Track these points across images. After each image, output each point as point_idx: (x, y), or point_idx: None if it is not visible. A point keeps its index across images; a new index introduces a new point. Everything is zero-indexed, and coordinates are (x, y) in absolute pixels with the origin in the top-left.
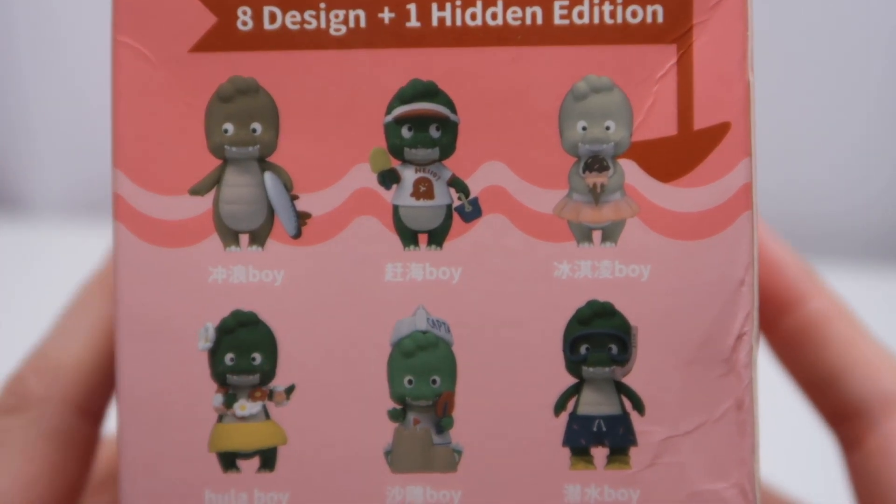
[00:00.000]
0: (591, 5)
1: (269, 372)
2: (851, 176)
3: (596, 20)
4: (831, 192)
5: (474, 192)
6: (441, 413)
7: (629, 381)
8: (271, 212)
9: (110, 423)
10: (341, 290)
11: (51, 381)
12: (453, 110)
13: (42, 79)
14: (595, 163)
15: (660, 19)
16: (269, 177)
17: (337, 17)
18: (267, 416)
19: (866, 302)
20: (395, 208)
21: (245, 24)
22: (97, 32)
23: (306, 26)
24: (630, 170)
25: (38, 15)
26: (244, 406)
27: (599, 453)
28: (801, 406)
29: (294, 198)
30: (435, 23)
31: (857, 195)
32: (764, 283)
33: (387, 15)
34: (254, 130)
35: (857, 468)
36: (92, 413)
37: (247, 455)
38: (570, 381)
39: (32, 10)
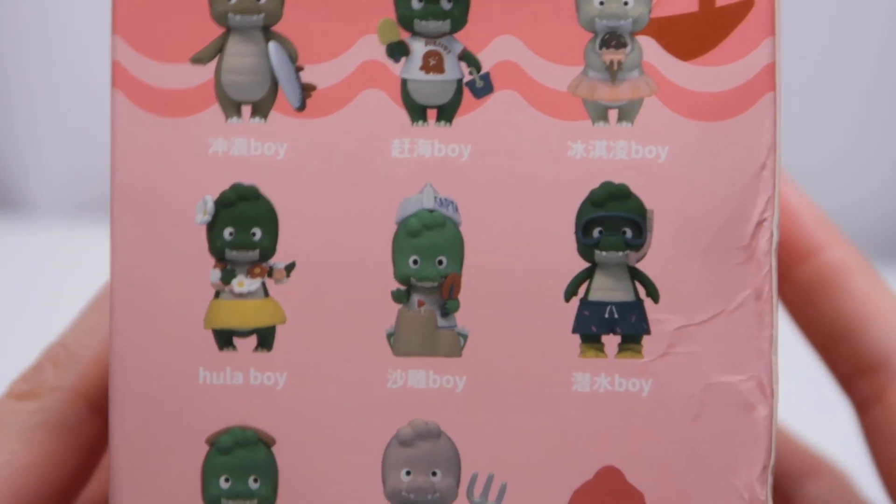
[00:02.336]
0: None
1: (268, 248)
2: (849, 176)
3: None
4: (829, 192)
5: (486, 66)
6: (447, 295)
7: (643, 266)
8: (275, 83)
9: None
10: (346, 165)
11: (65, 373)
12: None
13: (42, 79)
14: (612, 39)
15: None
16: (273, 46)
17: None
18: (266, 293)
19: None
20: (404, 82)
21: None
22: (97, 32)
23: None
24: (648, 47)
25: (39, 15)
26: (242, 283)
27: (611, 341)
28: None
29: (299, 69)
30: None
31: (854, 195)
32: (780, 229)
33: None
34: None
35: (878, 424)
36: (104, 410)
37: (244, 333)
38: (582, 265)
39: (33, 10)
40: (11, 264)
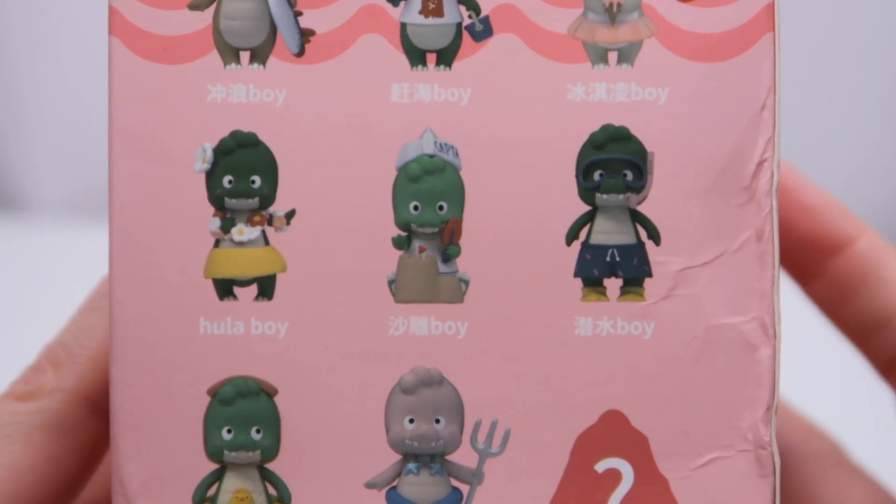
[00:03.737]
0: None
1: (268, 196)
2: (856, 180)
3: None
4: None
5: (485, 10)
6: (447, 241)
7: (644, 209)
8: (273, 28)
9: None
10: (345, 110)
11: (64, 374)
12: None
13: (41, 80)
14: None
15: None
16: None
17: None
18: (266, 241)
19: None
20: (403, 26)
21: None
22: (96, 34)
23: None
24: None
25: (37, 17)
26: (242, 231)
27: (612, 284)
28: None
29: (297, 14)
30: None
31: (862, 199)
32: (806, 228)
33: None
34: None
35: None
36: (103, 410)
37: (244, 282)
38: (583, 208)
39: (31, 12)
40: (11, 264)
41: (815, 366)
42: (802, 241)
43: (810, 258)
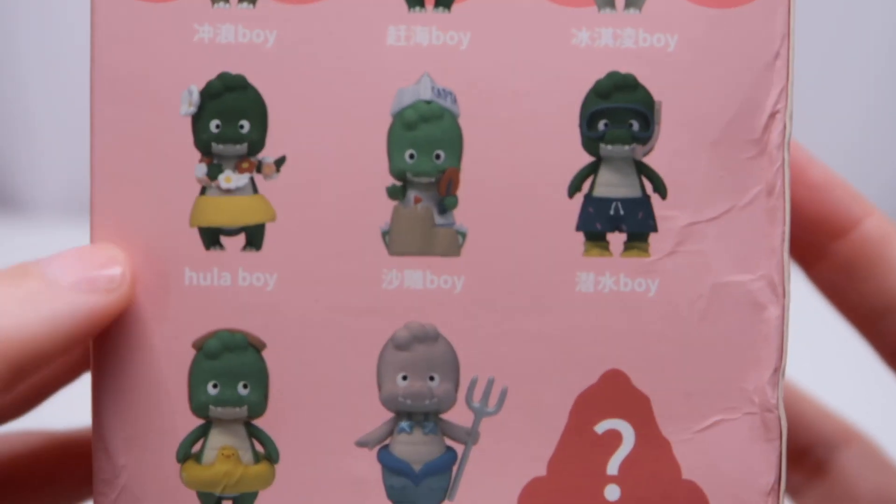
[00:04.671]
0: None
1: (257, 141)
2: (851, 176)
3: None
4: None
5: None
6: (444, 191)
7: (650, 161)
8: None
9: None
10: (338, 53)
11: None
12: None
13: (42, 79)
14: None
15: None
16: None
17: None
18: (254, 189)
19: None
20: None
21: None
22: None
23: None
24: None
25: (39, 16)
26: (230, 178)
27: (616, 239)
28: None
29: None
30: None
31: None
32: (811, 208)
33: None
34: None
35: None
36: None
37: (231, 231)
38: (587, 159)
39: (33, 12)
40: (11, 264)
41: (824, 357)
42: (807, 221)
43: (814, 239)
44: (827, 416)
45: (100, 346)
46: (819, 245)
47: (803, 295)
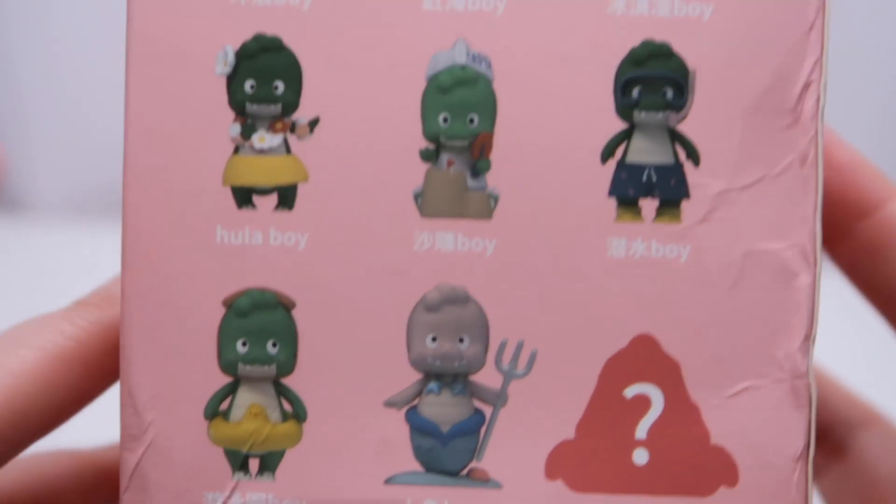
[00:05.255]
0: None
1: (291, 102)
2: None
3: None
4: None
5: None
6: (477, 155)
7: (684, 128)
8: None
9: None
10: (374, 16)
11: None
12: None
13: (42, 80)
14: None
15: None
16: None
17: None
18: (287, 149)
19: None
20: None
21: None
22: (97, 34)
23: None
24: None
25: (38, 16)
26: (263, 138)
27: (648, 205)
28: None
29: None
30: None
31: None
32: (836, 188)
33: None
34: None
35: None
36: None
37: (264, 191)
38: (620, 125)
39: (31, 12)
40: (11, 264)
41: (847, 339)
42: (830, 201)
43: (838, 219)
44: (848, 397)
45: (129, 302)
46: (843, 225)
47: (827, 278)
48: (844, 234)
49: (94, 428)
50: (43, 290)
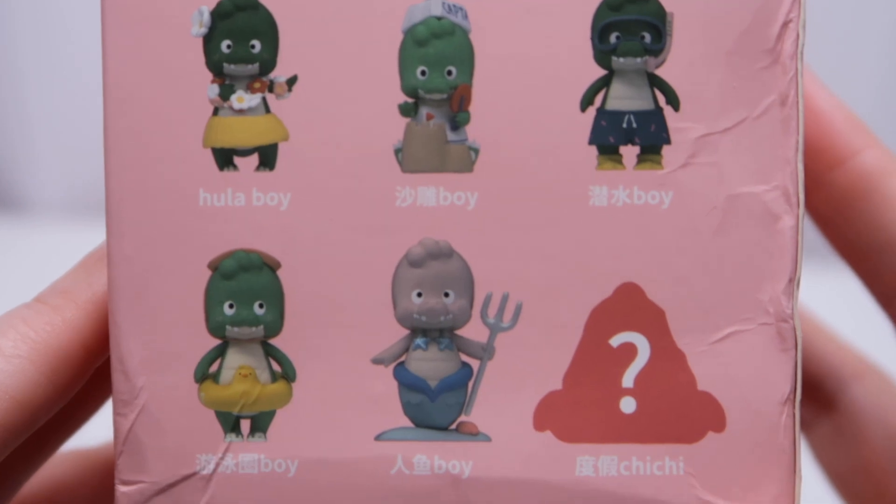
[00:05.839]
0: None
1: (269, 61)
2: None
3: None
4: None
5: None
6: (456, 107)
7: (663, 73)
8: None
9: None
10: None
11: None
12: None
13: (42, 80)
14: None
15: None
16: None
17: None
18: (267, 109)
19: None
20: None
21: None
22: (97, 34)
23: None
24: None
25: (38, 15)
26: (242, 98)
27: (629, 152)
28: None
29: None
30: None
31: None
32: (811, 134)
33: None
34: None
35: None
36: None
37: (245, 152)
38: (599, 72)
39: (32, 11)
40: (11, 264)
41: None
42: (806, 148)
43: (812, 168)
44: (840, 348)
45: (115, 268)
46: (816, 174)
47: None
48: (817, 182)
49: (101, 426)
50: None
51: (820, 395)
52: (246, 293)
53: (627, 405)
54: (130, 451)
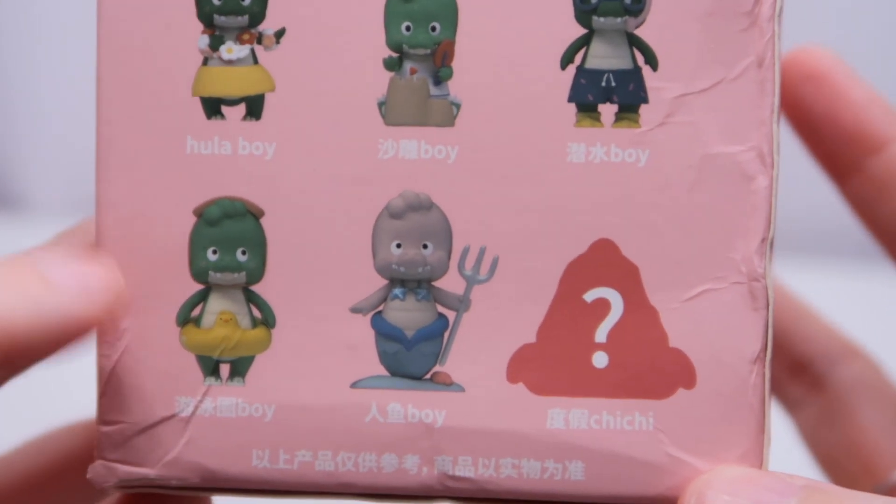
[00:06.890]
0: None
1: (258, 13)
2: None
3: None
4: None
5: None
6: (439, 63)
7: (642, 33)
8: None
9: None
10: None
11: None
12: None
13: (41, 80)
14: None
15: None
16: None
17: None
18: (255, 60)
19: (860, 300)
20: None
21: None
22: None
23: None
24: None
25: (37, 15)
26: (231, 49)
27: (607, 110)
28: None
29: None
30: None
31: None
32: (848, 122)
33: None
34: None
35: None
36: None
37: (232, 101)
38: (579, 31)
39: (30, 11)
40: None
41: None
42: (843, 135)
43: (849, 154)
44: (829, 330)
45: (102, 213)
46: (853, 160)
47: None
48: (854, 168)
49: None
50: None
51: (808, 377)
52: (229, 240)
53: (600, 360)
54: (112, 392)
